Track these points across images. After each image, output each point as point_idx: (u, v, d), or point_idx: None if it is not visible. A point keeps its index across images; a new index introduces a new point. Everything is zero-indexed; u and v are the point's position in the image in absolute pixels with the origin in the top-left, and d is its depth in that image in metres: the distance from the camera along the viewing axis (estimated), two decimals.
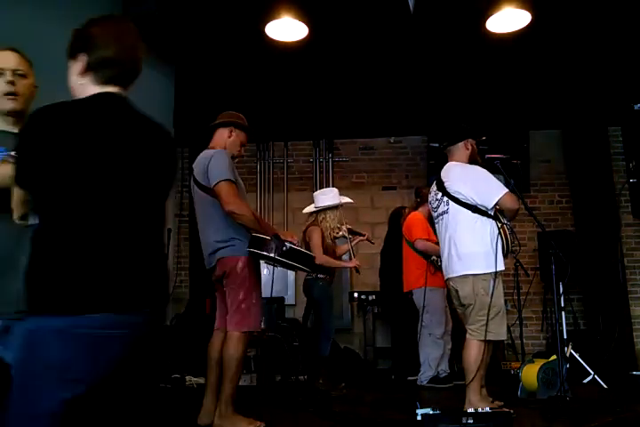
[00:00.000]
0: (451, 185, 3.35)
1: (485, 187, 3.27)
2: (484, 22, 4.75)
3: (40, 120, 1.36)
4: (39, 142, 1.33)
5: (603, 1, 4.56)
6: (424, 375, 4.69)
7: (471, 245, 3.25)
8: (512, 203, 3.25)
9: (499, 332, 3.23)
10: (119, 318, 1.30)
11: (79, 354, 1.27)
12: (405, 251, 4.91)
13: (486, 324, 3.17)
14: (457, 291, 3.34)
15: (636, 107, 5.93)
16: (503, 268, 3.24)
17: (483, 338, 3.18)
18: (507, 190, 3.25)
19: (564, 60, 5.48)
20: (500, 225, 3.25)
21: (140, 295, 1.36)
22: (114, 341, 1.31)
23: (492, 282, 3.19)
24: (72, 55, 1.52)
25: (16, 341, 1.34)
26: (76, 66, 1.51)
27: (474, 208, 3.26)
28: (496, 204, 3.24)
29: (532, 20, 4.65)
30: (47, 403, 1.25)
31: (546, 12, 4.62)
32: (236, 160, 3.31)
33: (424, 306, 4.58)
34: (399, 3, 4.53)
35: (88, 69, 1.50)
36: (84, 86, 1.50)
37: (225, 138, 3.20)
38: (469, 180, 3.33)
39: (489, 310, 3.16)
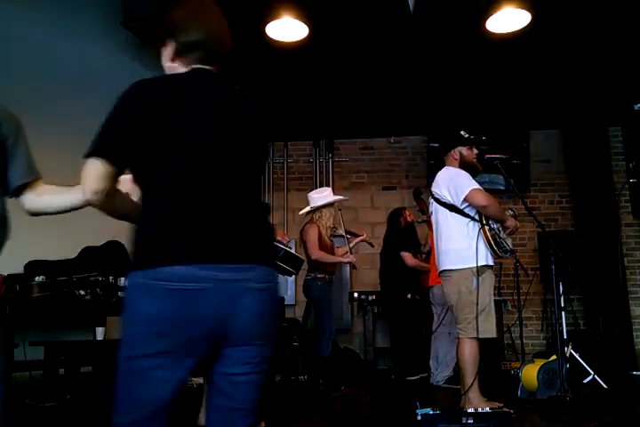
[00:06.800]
0: (433, 187, 3.56)
1: (454, 184, 3.38)
2: (484, 22, 4.74)
3: (135, 90, 1.36)
4: (133, 113, 1.32)
5: (603, 1, 4.56)
6: (440, 375, 4.66)
7: (448, 243, 3.37)
8: (480, 199, 3.29)
9: (486, 329, 3.25)
10: (202, 272, 1.24)
11: (162, 307, 1.23)
12: (433, 247, 4.93)
13: (471, 321, 3.21)
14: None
15: (636, 107, 5.93)
16: (484, 263, 3.27)
17: (471, 336, 3.21)
18: (474, 187, 3.32)
19: (564, 60, 5.47)
20: (480, 226, 3.28)
21: (231, 249, 1.30)
22: (200, 295, 1.24)
23: (474, 280, 3.22)
24: (161, 41, 1.52)
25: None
26: (167, 52, 1.51)
27: (450, 207, 3.38)
28: (465, 200, 3.32)
29: (531, 20, 4.65)
30: (140, 350, 1.24)
31: (546, 12, 4.62)
32: None
33: (450, 304, 4.55)
34: (399, 3, 4.53)
35: (177, 54, 1.49)
36: (176, 70, 1.50)
37: None
38: (443, 180, 3.47)
39: (474, 308, 3.19)
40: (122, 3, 5.02)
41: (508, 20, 4.70)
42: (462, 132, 3.64)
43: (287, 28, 4.87)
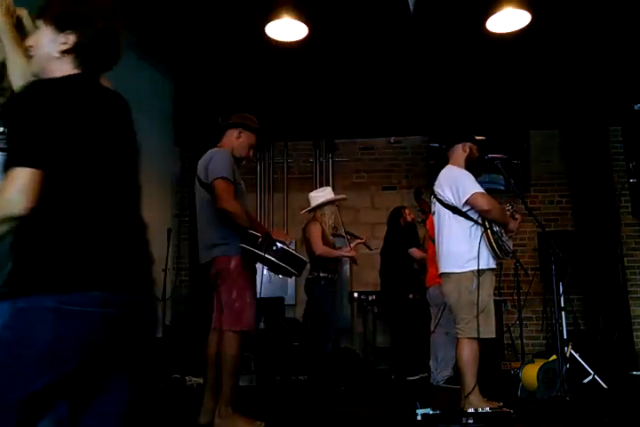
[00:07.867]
0: (436, 187, 3.50)
1: (456, 186, 3.35)
2: (484, 22, 4.75)
3: (42, 96, 1.28)
4: (48, 119, 1.26)
5: (603, 1, 4.56)
6: (440, 375, 4.65)
7: (450, 245, 3.34)
8: (482, 203, 3.26)
9: (485, 330, 3.24)
10: (108, 297, 1.25)
11: (69, 333, 1.21)
12: (429, 248, 4.92)
13: (470, 321, 3.21)
14: None
15: (636, 107, 5.93)
16: (485, 267, 3.27)
17: (470, 336, 3.21)
18: (477, 190, 3.29)
19: (564, 59, 5.48)
20: (482, 230, 3.26)
21: (126, 277, 1.31)
22: (102, 319, 1.25)
23: (475, 281, 3.21)
24: (59, 26, 1.39)
25: None
26: (60, 40, 1.39)
27: (453, 209, 3.34)
28: (467, 203, 3.28)
29: (531, 20, 4.65)
30: (20, 389, 1.17)
31: (546, 12, 4.63)
32: (244, 162, 3.34)
33: (449, 304, 4.55)
34: (399, 3, 4.53)
35: (71, 51, 1.39)
36: (61, 64, 1.40)
37: (233, 139, 3.22)
38: (447, 182, 3.42)
39: (475, 309, 3.19)
40: (121, 3, 5.03)
41: (508, 20, 4.71)
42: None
43: (287, 28, 4.88)
